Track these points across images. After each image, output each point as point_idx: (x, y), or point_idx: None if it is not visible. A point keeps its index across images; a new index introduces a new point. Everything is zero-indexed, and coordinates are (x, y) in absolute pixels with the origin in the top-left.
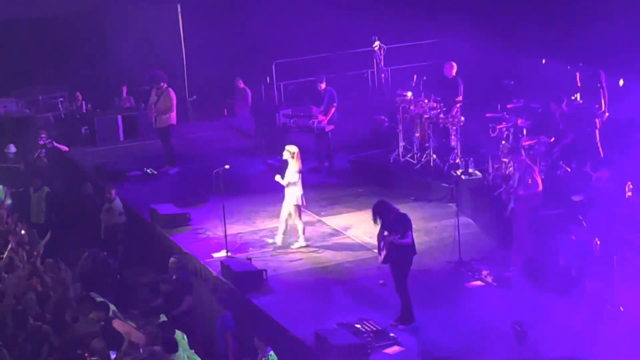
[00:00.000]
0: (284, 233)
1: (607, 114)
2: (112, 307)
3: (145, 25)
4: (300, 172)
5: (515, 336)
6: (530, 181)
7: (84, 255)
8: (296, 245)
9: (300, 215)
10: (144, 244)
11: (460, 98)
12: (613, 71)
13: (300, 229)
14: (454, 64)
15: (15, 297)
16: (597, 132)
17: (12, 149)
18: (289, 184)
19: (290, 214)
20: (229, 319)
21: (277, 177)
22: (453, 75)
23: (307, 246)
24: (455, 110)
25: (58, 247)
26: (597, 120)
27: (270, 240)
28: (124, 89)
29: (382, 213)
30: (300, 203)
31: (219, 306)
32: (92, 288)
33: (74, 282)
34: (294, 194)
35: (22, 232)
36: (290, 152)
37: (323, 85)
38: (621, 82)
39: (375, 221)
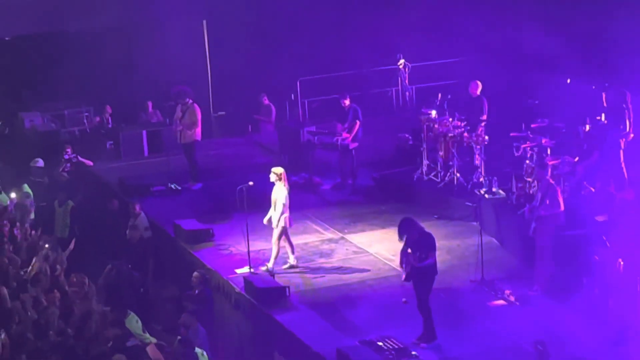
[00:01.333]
0: (290, 251)
1: (632, 135)
2: (139, 322)
3: (171, 41)
4: (288, 193)
5: (538, 356)
6: (552, 201)
7: (108, 267)
8: (286, 265)
9: (288, 237)
10: (168, 259)
11: (484, 117)
12: (639, 92)
13: (289, 250)
14: (479, 83)
15: (37, 311)
16: (621, 152)
17: (40, 163)
18: (275, 204)
19: (279, 237)
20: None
21: (266, 219)
22: (477, 95)
23: (296, 266)
24: (480, 129)
25: (82, 261)
26: (621, 141)
27: (263, 268)
28: (150, 104)
29: (407, 230)
30: (287, 225)
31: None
32: (115, 301)
33: (98, 295)
34: (282, 216)
35: (46, 246)
36: (276, 174)
37: (347, 102)
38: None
39: (400, 238)
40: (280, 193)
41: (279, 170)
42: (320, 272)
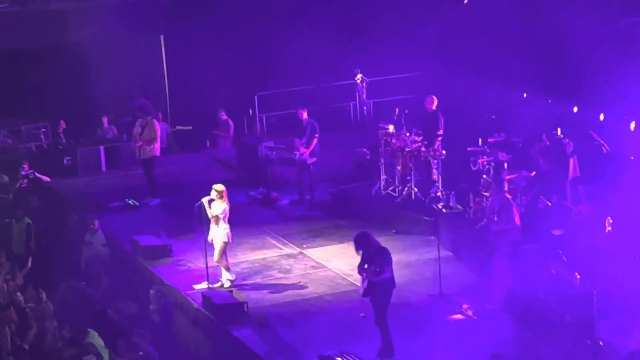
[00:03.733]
0: (229, 270)
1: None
2: (100, 338)
3: (128, 56)
4: (228, 210)
5: None
6: (507, 216)
7: (62, 285)
8: (227, 284)
9: (226, 253)
10: (126, 276)
11: (441, 132)
12: (594, 106)
13: (225, 267)
14: (434, 98)
15: None
16: (577, 166)
17: (5, 178)
18: (215, 220)
19: (222, 252)
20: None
21: (210, 237)
22: (433, 109)
23: (234, 280)
24: (437, 144)
25: (39, 278)
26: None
27: (216, 285)
28: (105, 120)
29: (362, 245)
30: (228, 240)
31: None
32: (70, 319)
33: (54, 313)
34: (222, 231)
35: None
36: (217, 192)
37: (304, 115)
38: (601, 117)
39: (357, 252)
40: (218, 208)
41: (220, 187)
42: (278, 287)
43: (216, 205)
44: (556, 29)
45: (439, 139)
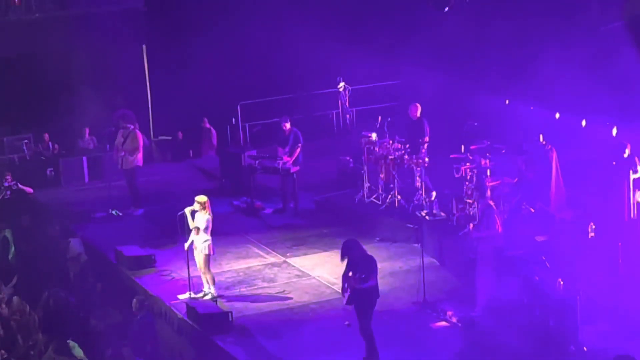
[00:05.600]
0: (214, 283)
1: None
2: (81, 352)
3: (109, 66)
4: (211, 221)
5: None
6: (489, 223)
7: (44, 295)
8: (208, 296)
9: (209, 265)
10: (110, 286)
11: (426, 139)
12: (576, 112)
13: (210, 279)
14: (419, 105)
15: None
16: (559, 173)
17: None
18: (197, 231)
19: (205, 263)
20: None
21: (187, 245)
22: (418, 117)
23: (218, 296)
24: (423, 150)
25: (24, 289)
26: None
27: (199, 295)
28: (87, 131)
29: (349, 251)
30: (209, 252)
31: None
32: (54, 329)
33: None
34: (204, 243)
35: None
36: (200, 203)
37: (287, 126)
38: (583, 123)
39: (342, 259)
40: (200, 219)
41: (202, 199)
42: (263, 296)
43: (199, 216)
44: (535, 35)
45: (425, 146)
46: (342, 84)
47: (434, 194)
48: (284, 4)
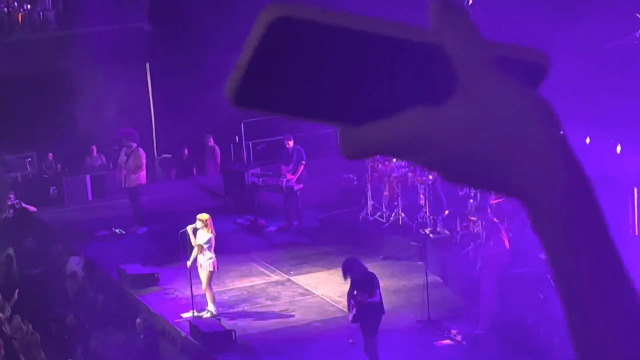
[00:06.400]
0: (214, 302)
1: None
2: None
3: (114, 84)
4: (213, 239)
5: None
6: (496, 240)
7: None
8: (207, 314)
9: (211, 283)
10: (113, 305)
11: None
12: (580, 129)
13: (211, 297)
14: None
15: None
16: None
17: None
18: (200, 249)
19: (208, 281)
20: None
21: (190, 262)
22: None
23: (219, 314)
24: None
25: (25, 309)
26: None
27: (206, 314)
28: (94, 149)
29: (350, 270)
30: (213, 269)
31: None
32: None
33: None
34: (207, 260)
35: None
36: (202, 221)
37: (291, 144)
38: (587, 140)
39: (345, 278)
40: (203, 237)
41: (204, 217)
42: (266, 315)
43: (201, 234)
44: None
45: None
46: None
47: (446, 212)
48: None
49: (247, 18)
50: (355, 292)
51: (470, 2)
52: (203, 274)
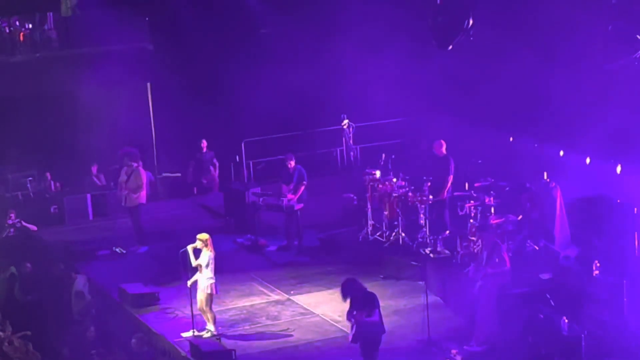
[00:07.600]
0: (214, 322)
1: None
2: None
3: (115, 104)
4: (213, 258)
5: None
6: (497, 259)
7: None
8: (207, 333)
9: (211, 304)
10: (113, 324)
11: (450, 177)
12: (580, 150)
13: (212, 317)
14: (444, 142)
15: None
16: (564, 210)
17: None
18: (201, 269)
19: (207, 302)
20: None
21: (190, 282)
22: (444, 154)
23: (219, 334)
24: (447, 189)
25: (28, 328)
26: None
27: (206, 335)
28: (94, 168)
29: (349, 291)
30: (212, 292)
31: None
32: None
33: None
34: (207, 281)
35: None
36: (202, 241)
37: (292, 164)
38: (588, 161)
39: (344, 299)
40: (203, 257)
41: (204, 236)
42: (266, 334)
43: (201, 253)
44: (539, 73)
45: (449, 184)
46: (346, 121)
47: (447, 232)
48: (290, 44)
49: (248, 41)
50: (354, 312)
51: (471, 23)
52: (201, 295)
